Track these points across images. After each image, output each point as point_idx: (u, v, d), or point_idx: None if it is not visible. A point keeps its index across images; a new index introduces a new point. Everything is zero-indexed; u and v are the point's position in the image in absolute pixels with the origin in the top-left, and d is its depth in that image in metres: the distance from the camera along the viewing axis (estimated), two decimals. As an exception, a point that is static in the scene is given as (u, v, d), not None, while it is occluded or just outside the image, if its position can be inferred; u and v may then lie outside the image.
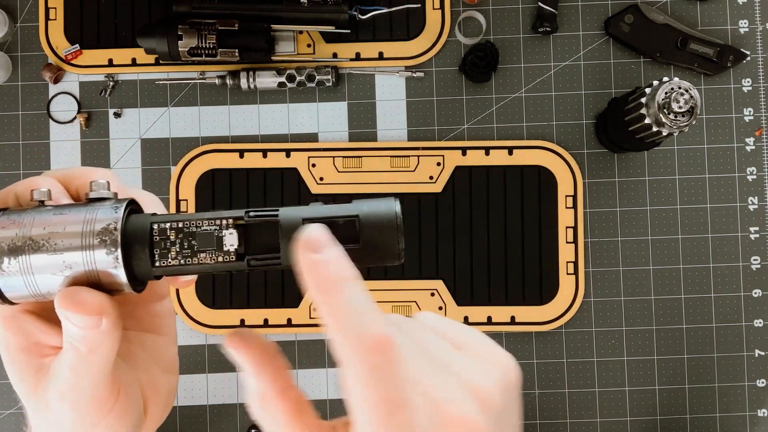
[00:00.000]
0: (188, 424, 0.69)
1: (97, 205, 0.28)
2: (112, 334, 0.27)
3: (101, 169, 0.30)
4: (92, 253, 0.26)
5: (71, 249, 0.27)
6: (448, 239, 0.69)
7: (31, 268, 0.27)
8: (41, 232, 0.27)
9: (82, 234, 0.27)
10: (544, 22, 0.69)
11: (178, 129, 0.71)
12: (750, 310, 0.70)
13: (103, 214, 0.27)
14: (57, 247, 0.27)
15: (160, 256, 0.27)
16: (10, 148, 0.70)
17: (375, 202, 0.27)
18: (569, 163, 0.69)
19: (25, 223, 0.27)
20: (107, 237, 0.27)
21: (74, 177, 0.30)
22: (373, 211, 0.26)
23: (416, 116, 0.70)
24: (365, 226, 0.26)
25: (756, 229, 0.70)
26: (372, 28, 0.70)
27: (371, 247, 0.26)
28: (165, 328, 0.33)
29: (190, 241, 0.27)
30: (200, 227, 0.27)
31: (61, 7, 0.70)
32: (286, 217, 0.27)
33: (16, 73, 0.71)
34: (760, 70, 0.70)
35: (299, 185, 0.69)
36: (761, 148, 0.70)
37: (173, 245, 0.27)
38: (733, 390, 0.69)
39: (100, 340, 0.27)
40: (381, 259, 0.27)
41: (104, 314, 0.26)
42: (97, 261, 0.27)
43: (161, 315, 0.33)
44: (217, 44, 0.65)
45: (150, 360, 0.32)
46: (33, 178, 0.29)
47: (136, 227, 0.27)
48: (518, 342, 0.69)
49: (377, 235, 0.26)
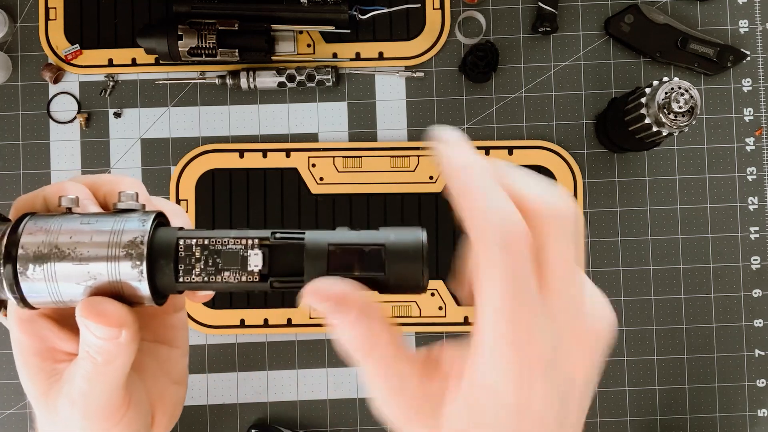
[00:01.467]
0: (188, 424, 0.69)
1: (124, 217, 0.28)
2: (129, 347, 0.27)
3: (129, 179, 0.30)
4: (117, 264, 0.27)
5: (97, 260, 0.27)
6: (448, 239, 0.69)
7: (55, 275, 0.27)
8: (68, 241, 0.27)
9: (108, 245, 0.27)
10: (544, 22, 0.69)
11: (178, 129, 0.71)
12: (750, 310, 0.70)
13: (131, 226, 0.27)
14: (83, 257, 0.27)
15: (185, 272, 0.27)
16: (10, 148, 0.70)
17: (402, 231, 0.27)
18: (569, 163, 0.69)
19: (52, 231, 0.27)
20: (133, 250, 0.27)
21: (102, 184, 0.30)
22: (400, 240, 0.26)
23: (416, 116, 0.70)
24: (391, 256, 0.26)
25: (756, 229, 0.70)
26: (372, 28, 0.70)
27: (396, 277, 0.26)
28: (178, 340, 0.33)
29: (215, 258, 0.27)
30: (226, 245, 0.27)
31: (61, 7, 0.70)
32: (312, 240, 0.27)
33: (16, 73, 0.71)
34: (760, 70, 0.70)
35: (299, 185, 0.69)
36: (761, 148, 0.70)
37: (198, 262, 0.27)
38: (733, 390, 0.69)
39: (118, 352, 0.27)
40: (405, 289, 0.27)
41: (125, 326, 0.26)
42: (121, 273, 0.27)
43: (176, 327, 0.33)
44: (217, 44, 0.65)
45: (160, 371, 0.32)
46: (62, 184, 0.29)
47: (163, 242, 0.27)
48: (518, 342, 0.69)
49: (402, 265, 0.26)
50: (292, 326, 0.69)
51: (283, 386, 0.69)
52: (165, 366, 0.32)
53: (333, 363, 0.69)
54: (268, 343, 0.69)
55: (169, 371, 0.32)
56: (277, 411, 0.69)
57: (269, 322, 0.69)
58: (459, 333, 0.69)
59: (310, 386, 0.69)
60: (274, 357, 0.69)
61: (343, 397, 0.69)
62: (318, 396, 0.69)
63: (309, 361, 0.70)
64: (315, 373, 0.69)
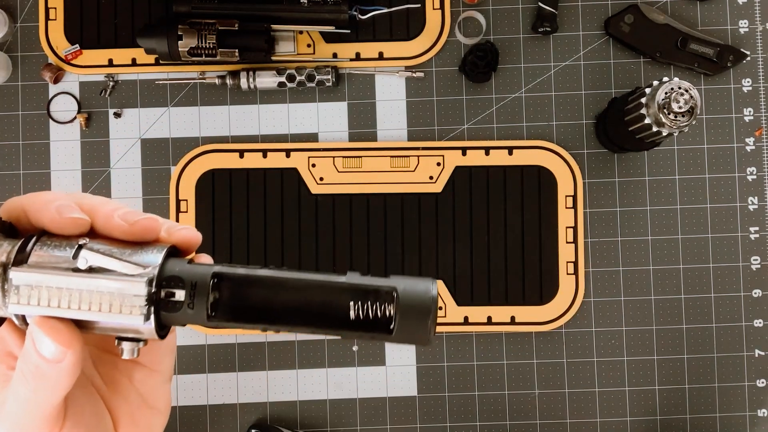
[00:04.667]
0: (188, 424, 0.69)
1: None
2: (68, 376, 0.26)
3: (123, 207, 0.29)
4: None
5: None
6: (448, 239, 0.69)
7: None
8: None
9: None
10: (544, 22, 0.69)
11: (178, 129, 0.71)
12: (750, 310, 0.70)
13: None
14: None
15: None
16: (10, 148, 0.70)
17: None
18: (569, 163, 0.69)
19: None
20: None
21: (102, 211, 0.28)
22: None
23: (416, 116, 0.70)
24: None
25: (756, 229, 0.70)
26: (372, 28, 0.70)
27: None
28: (160, 364, 0.31)
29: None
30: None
31: (61, 7, 0.70)
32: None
33: (16, 73, 0.71)
34: (760, 70, 0.70)
35: (299, 185, 0.69)
36: (761, 148, 0.70)
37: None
38: (733, 390, 0.69)
39: (56, 379, 0.26)
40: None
41: (72, 349, 0.25)
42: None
43: (157, 351, 0.31)
44: (217, 44, 0.65)
45: (134, 392, 0.31)
46: (67, 210, 0.27)
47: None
48: (518, 342, 0.69)
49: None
50: (292, 326, 0.69)
51: (283, 386, 0.69)
52: (141, 388, 0.31)
53: (333, 363, 0.69)
54: (268, 343, 0.69)
55: (145, 394, 0.31)
56: (277, 411, 0.69)
57: (269, 322, 0.69)
58: (459, 333, 0.69)
59: (310, 386, 0.69)
60: (274, 357, 0.69)
61: (343, 397, 0.69)
62: (318, 396, 0.69)
63: (309, 361, 0.70)
64: (315, 373, 0.69)
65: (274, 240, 0.69)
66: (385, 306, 0.26)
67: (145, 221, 0.27)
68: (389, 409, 0.69)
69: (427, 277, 0.26)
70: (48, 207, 0.27)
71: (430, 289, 0.26)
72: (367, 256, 0.69)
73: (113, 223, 0.27)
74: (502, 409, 0.69)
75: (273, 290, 0.27)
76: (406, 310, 0.26)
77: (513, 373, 0.69)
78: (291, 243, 0.69)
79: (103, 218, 0.27)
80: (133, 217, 0.27)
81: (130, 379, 0.31)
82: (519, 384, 0.69)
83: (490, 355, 0.69)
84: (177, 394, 0.69)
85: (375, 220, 0.69)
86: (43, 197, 0.27)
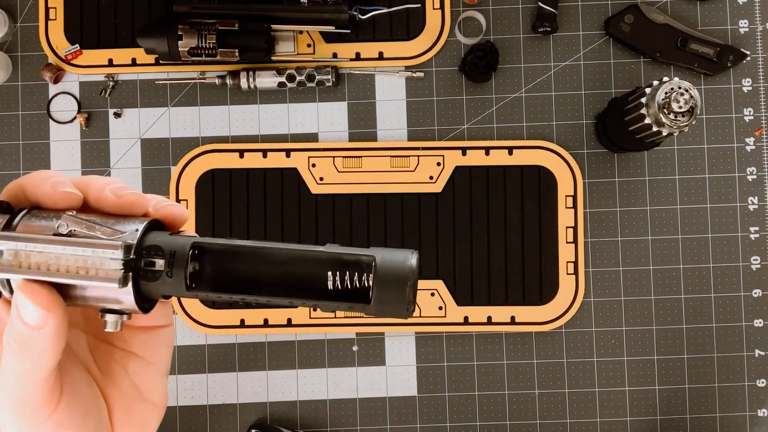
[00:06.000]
0: (188, 424, 0.69)
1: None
2: (53, 342, 0.26)
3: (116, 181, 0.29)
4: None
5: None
6: (448, 239, 0.69)
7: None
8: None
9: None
10: (544, 22, 0.69)
11: (178, 129, 0.71)
12: (750, 310, 0.70)
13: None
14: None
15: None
16: (10, 148, 0.70)
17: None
18: (569, 163, 0.69)
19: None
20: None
21: (92, 187, 0.29)
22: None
23: (416, 116, 0.70)
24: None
25: (756, 229, 0.70)
26: (372, 28, 0.70)
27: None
28: (155, 356, 0.31)
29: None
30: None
31: (61, 7, 0.70)
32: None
33: (16, 73, 0.71)
34: (760, 70, 0.70)
35: (299, 185, 0.69)
36: (761, 148, 0.70)
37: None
38: (733, 390, 0.69)
39: (41, 346, 0.26)
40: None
41: (52, 312, 0.26)
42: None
43: (152, 343, 0.31)
44: (217, 44, 0.65)
45: (129, 383, 0.31)
46: (61, 185, 0.28)
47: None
48: (518, 342, 0.69)
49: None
50: (292, 326, 0.69)
51: (283, 386, 0.69)
52: (136, 379, 0.31)
53: (333, 363, 0.69)
54: (268, 343, 0.69)
55: (140, 386, 0.31)
56: (277, 411, 0.69)
57: (269, 322, 0.69)
58: (459, 333, 0.69)
59: (310, 386, 0.69)
60: (274, 357, 0.69)
61: (343, 397, 0.69)
62: (318, 396, 0.69)
63: (309, 361, 0.70)
64: (315, 373, 0.69)
65: (274, 240, 0.69)
66: (363, 276, 0.26)
67: (132, 195, 0.28)
68: (389, 409, 0.69)
69: (407, 249, 0.27)
70: (44, 182, 0.28)
71: (409, 259, 0.26)
72: (367, 256, 0.69)
73: (102, 195, 0.28)
74: (502, 409, 0.69)
75: (252, 261, 0.27)
76: (383, 280, 0.26)
77: (513, 373, 0.69)
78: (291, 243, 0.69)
79: (95, 192, 0.28)
80: (122, 190, 0.28)
81: (126, 369, 0.31)
82: (519, 384, 0.69)
83: (490, 355, 0.69)
84: (177, 394, 0.69)
85: (375, 220, 0.69)
86: (41, 174, 0.28)
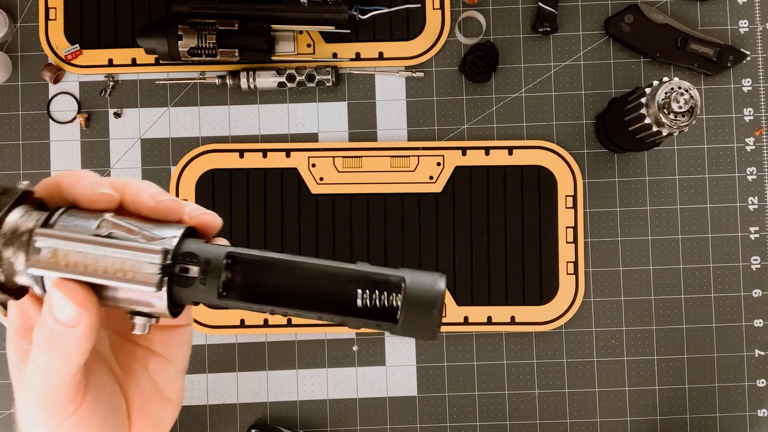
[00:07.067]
0: (188, 424, 0.69)
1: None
2: (83, 341, 0.26)
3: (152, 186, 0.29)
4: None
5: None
6: (448, 239, 0.69)
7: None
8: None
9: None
10: (544, 22, 0.69)
11: (178, 129, 0.71)
12: (750, 310, 0.70)
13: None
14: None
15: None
16: (10, 148, 0.70)
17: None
18: (569, 163, 0.69)
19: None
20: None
21: (133, 192, 0.29)
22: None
23: (416, 116, 0.70)
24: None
25: (756, 229, 0.70)
26: (372, 28, 0.70)
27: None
28: (175, 355, 0.32)
29: None
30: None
31: (61, 7, 0.70)
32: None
33: (16, 73, 0.71)
34: (760, 70, 0.70)
35: (299, 185, 0.69)
36: (761, 148, 0.70)
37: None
38: (733, 390, 0.69)
39: (73, 344, 0.26)
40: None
41: (87, 311, 0.26)
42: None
43: (173, 342, 0.32)
44: (217, 44, 0.65)
45: (149, 380, 0.31)
46: (99, 185, 0.28)
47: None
48: (518, 342, 0.69)
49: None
50: (292, 326, 0.69)
51: (283, 386, 0.69)
52: (155, 378, 0.32)
53: (333, 363, 0.69)
54: (268, 343, 0.69)
55: (159, 384, 0.32)
56: (277, 411, 0.69)
57: (269, 322, 0.69)
58: (459, 333, 0.69)
59: (310, 386, 0.69)
60: (274, 357, 0.69)
61: (343, 397, 0.69)
62: (318, 396, 0.69)
63: (309, 361, 0.70)
64: (315, 373, 0.69)
65: (274, 240, 0.69)
66: (392, 296, 0.26)
67: (170, 201, 0.28)
68: (389, 409, 0.69)
69: (435, 272, 0.27)
70: (81, 182, 0.28)
71: (438, 283, 0.26)
72: (367, 256, 0.69)
73: (140, 199, 0.28)
74: (502, 409, 0.69)
75: (284, 274, 0.27)
76: (412, 301, 0.26)
77: (513, 373, 0.69)
78: (291, 243, 0.69)
79: (132, 195, 0.28)
80: (160, 196, 0.28)
81: (146, 367, 0.32)
82: (519, 384, 0.69)
83: (490, 355, 0.69)
84: (177, 394, 0.69)
85: (375, 220, 0.69)
86: (78, 173, 0.29)
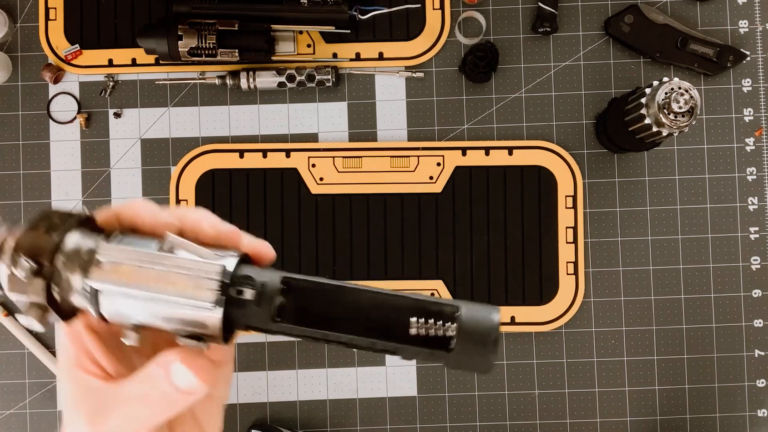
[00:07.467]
0: (188, 424, 0.69)
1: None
2: (192, 403, 0.27)
3: (209, 216, 0.30)
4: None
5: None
6: (448, 239, 0.69)
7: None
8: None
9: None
10: (544, 22, 0.69)
11: (178, 129, 0.71)
12: (750, 310, 0.70)
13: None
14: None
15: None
16: (10, 148, 0.70)
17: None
18: (569, 163, 0.69)
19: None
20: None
21: (187, 220, 0.30)
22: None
23: (416, 116, 0.70)
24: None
25: (756, 229, 0.70)
26: (372, 28, 0.70)
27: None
28: (217, 391, 0.32)
29: None
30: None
31: (61, 7, 0.70)
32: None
33: (16, 73, 0.71)
34: (760, 70, 0.70)
35: (299, 185, 0.69)
36: (761, 148, 0.70)
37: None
38: (733, 390, 0.69)
39: (181, 405, 0.27)
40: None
41: (208, 384, 0.27)
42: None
43: (218, 378, 0.32)
44: (217, 44, 0.65)
45: (191, 414, 0.32)
46: (160, 214, 0.29)
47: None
48: (518, 342, 0.69)
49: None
50: (292, 326, 0.69)
51: (283, 386, 0.69)
52: (196, 411, 0.32)
53: (333, 363, 0.69)
54: (268, 343, 0.70)
55: (200, 418, 0.32)
56: (277, 411, 0.69)
57: (269, 322, 0.69)
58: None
59: (310, 386, 0.69)
60: (274, 357, 0.69)
61: (343, 397, 0.69)
62: (318, 396, 0.69)
63: (309, 361, 0.70)
64: (315, 373, 0.69)
65: (275, 240, 0.69)
66: (446, 326, 0.26)
67: (229, 230, 0.29)
68: (389, 409, 0.69)
69: (491, 305, 0.27)
70: (142, 210, 0.29)
71: (493, 314, 0.26)
72: (367, 256, 0.69)
73: (200, 227, 0.29)
74: (502, 409, 0.69)
75: (337, 300, 0.28)
76: (467, 331, 0.26)
77: (513, 373, 0.69)
78: (291, 243, 0.69)
79: (192, 223, 0.29)
80: (219, 225, 0.29)
81: None
82: (519, 384, 0.69)
83: (490, 355, 0.69)
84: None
85: (375, 220, 0.69)
86: (138, 203, 0.30)
